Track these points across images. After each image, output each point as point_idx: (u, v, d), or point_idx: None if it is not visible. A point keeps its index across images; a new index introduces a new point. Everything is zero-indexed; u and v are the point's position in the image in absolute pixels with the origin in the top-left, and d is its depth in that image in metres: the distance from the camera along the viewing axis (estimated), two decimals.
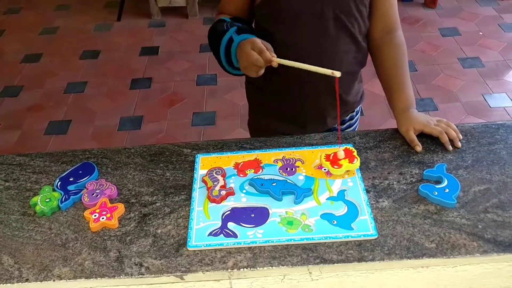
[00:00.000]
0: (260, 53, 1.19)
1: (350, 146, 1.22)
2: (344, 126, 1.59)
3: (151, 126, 3.04)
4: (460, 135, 1.26)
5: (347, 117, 1.57)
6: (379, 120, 2.93)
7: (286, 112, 1.47)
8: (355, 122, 1.64)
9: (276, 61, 1.20)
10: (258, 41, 1.22)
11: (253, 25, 1.41)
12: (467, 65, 3.38)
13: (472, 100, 3.05)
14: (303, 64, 1.16)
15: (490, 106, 2.99)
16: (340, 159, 1.17)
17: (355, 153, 1.19)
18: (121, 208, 1.13)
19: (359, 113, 1.65)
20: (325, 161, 1.18)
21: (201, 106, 3.18)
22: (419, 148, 1.24)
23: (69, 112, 3.22)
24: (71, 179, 1.22)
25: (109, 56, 3.81)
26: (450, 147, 1.24)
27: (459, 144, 1.24)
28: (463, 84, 3.20)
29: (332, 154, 1.19)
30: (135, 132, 3.00)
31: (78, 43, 3.99)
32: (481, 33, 3.73)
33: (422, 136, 1.28)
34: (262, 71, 1.23)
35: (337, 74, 1.08)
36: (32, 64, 3.76)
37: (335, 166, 1.16)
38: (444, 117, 2.82)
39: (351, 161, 1.17)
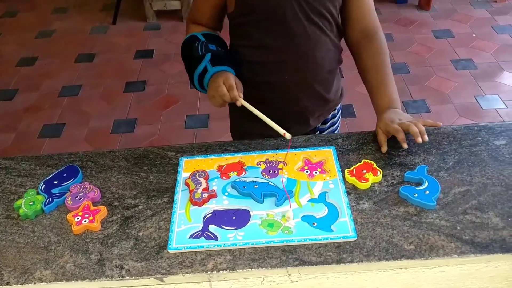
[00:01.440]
0: (229, 89, 1.26)
1: (369, 160, 1.22)
2: (327, 125, 1.61)
3: (144, 129, 3.05)
4: (426, 137, 1.20)
5: (330, 116, 1.59)
6: (371, 122, 2.92)
7: (269, 117, 1.47)
8: (338, 120, 1.65)
9: (241, 102, 1.26)
10: (232, 78, 1.28)
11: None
12: (460, 67, 3.39)
13: (464, 102, 3.06)
14: (261, 114, 1.22)
15: (482, 108, 2.99)
16: (364, 174, 1.18)
17: (375, 166, 1.20)
18: (103, 211, 1.14)
19: (340, 111, 1.66)
20: (350, 177, 1.18)
21: (194, 109, 3.19)
22: (383, 149, 1.26)
23: (64, 114, 3.23)
24: (55, 182, 1.23)
25: (105, 58, 3.82)
26: (405, 145, 1.21)
27: (425, 138, 1.19)
28: (456, 86, 3.21)
29: (355, 170, 1.20)
30: (129, 135, 3.01)
31: (74, 46, 4.01)
32: (474, 35, 3.74)
33: (405, 138, 1.28)
34: (225, 105, 1.31)
35: (288, 136, 1.16)
36: (28, 67, 3.77)
37: (362, 181, 1.17)
38: (436, 118, 2.84)
39: (374, 174, 1.18)
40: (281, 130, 1.17)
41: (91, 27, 4.28)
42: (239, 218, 1.11)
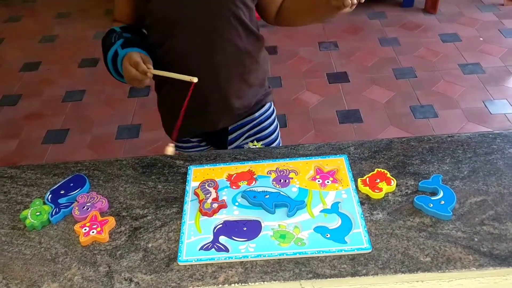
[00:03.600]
0: (136, 66, 1.23)
1: (382, 169, 1.20)
2: (246, 127, 1.57)
3: (148, 135, 3.02)
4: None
5: (246, 120, 1.56)
6: (378, 127, 2.91)
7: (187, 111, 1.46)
8: (263, 122, 1.59)
9: (151, 72, 1.24)
10: (135, 55, 1.25)
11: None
12: (467, 71, 3.35)
13: (472, 106, 3.03)
14: (168, 72, 1.22)
15: (490, 113, 2.96)
16: (378, 183, 1.16)
17: (388, 175, 1.18)
18: (111, 221, 1.12)
19: (264, 116, 1.60)
20: (363, 186, 1.16)
21: None
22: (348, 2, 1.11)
23: (67, 120, 3.21)
24: (62, 192, 1.21)
25: None
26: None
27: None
28: (464, 90, 3.18)
29: (368, 179, 1.17)
30: (133, 141, 2.99)
31: (77, 51, 3.98)
32: (481, 38, 3.71)
33: (418, 146, 1.26)
34: (146, 82, 1.26)
35: (194, 80, 1.17)
36: (31, 73, 3.76)
37: (376, 191, 1.14)
38: (444, 124, 2.81)
39: (388, 183, 1.16)
40: (186, 78, 1.18)
41: (94, 32, 4.25)
42: (250, 229, 1.08)
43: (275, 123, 1.64)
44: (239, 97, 1.46)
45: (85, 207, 1.16)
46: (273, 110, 1.63)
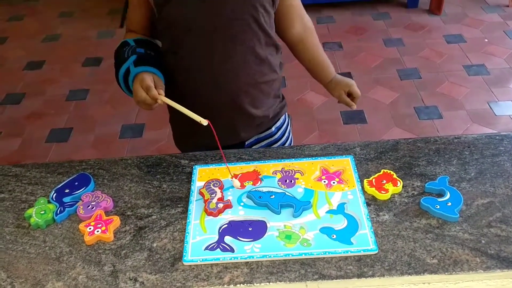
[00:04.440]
0: (147, 91, 1.21)
1: (388, 170, 1.19)
2: (264, 143, 1.54)
3: (152, 134, 3.02)
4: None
5: (263, 134, 1.53)
6: (382, 128, 2.90)
7: (200, 127, 1.46)
8: (280, 138, 1.58)
9: (161, 99, 1.21)
10: (147, 78, 1.23)
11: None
12: (472, 72, 3.34)
13: (477, 108, 3.02)
14: (180, 106, 1.19)
15: (495, 114, 2.95)
16: (384, 184, 1.15)
17: (395, 176, 1.17)
18: (116, 220, 1.11)
19: (281, 130, 1.58)
20: (369, 187, 1.15)
21: None
22: (354, 106, 1.56)
23: (71, 119, 3.21)
24: (66, 191, 1.21)
25: (112, 63, 3.78)
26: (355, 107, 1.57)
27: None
28: (468, 91, 3.16)
29: (374, 180, 1.17)
30: (136, 140, 2.98)
31: (81, 50, 3.99)
32: (486, 40, 3.69)
33: (425, 148, 1.26)
34: (155, 106, 1.24)
35: (204, 122, 1.13)
36: (34, 71, 3.76)
37: (382, 192, 1.13)
38: (449, 125, 2.80)
39: (394, 185, 1.15)
40: (198, 118, 1.14)
41: (97, 31, 4.25)
42: (255, 230, 1.08)
43: (290, 138, 1.63)
44: (256, 107, 1.43)
45: (90, 206, 1.15)
46: (288, 123, 1.61)
